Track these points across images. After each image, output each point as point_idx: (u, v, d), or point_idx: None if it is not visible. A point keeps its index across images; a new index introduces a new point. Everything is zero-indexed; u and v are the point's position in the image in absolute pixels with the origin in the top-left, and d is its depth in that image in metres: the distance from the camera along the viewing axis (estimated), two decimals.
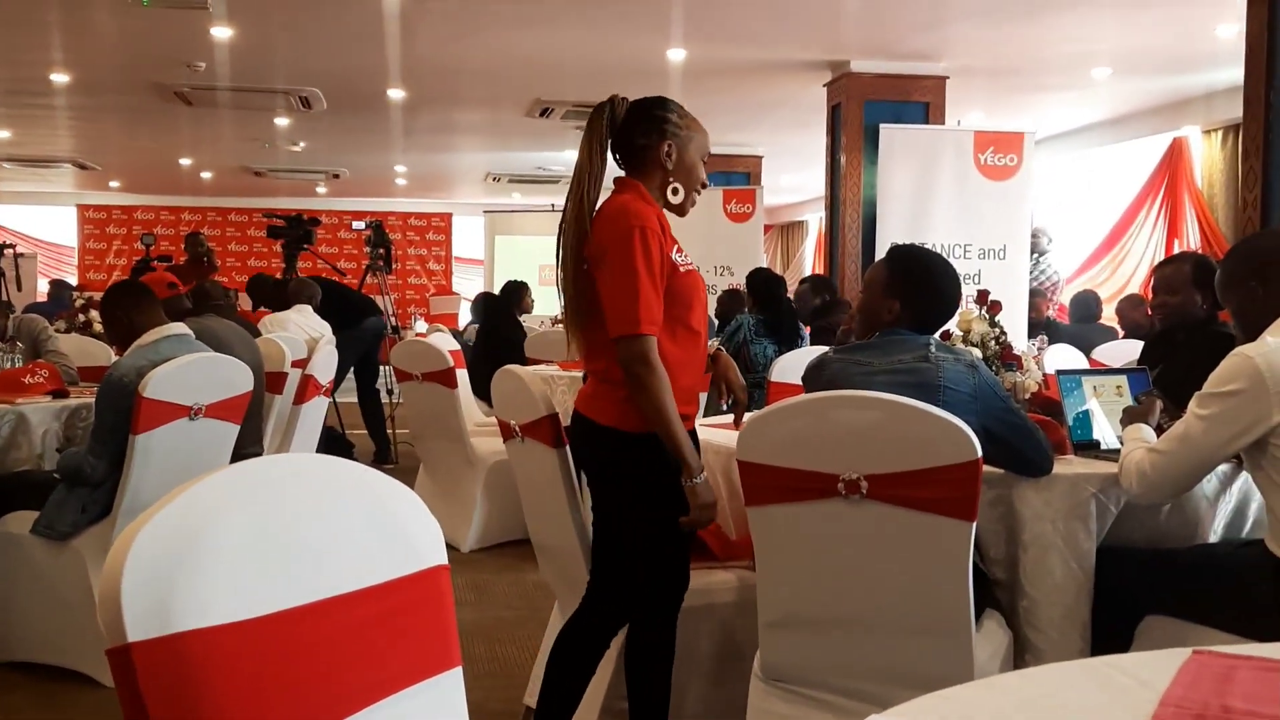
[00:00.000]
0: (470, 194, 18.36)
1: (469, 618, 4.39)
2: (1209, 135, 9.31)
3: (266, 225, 10.02)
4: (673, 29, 7.33)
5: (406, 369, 5.78)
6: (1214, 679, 1.27)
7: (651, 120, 2.65)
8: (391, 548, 1.28)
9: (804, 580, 2.58)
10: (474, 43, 7.78)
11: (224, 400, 3.77)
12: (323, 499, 1.24)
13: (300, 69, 8.80)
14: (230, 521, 1.12)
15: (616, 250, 2.50)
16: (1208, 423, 2.45)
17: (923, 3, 6.68)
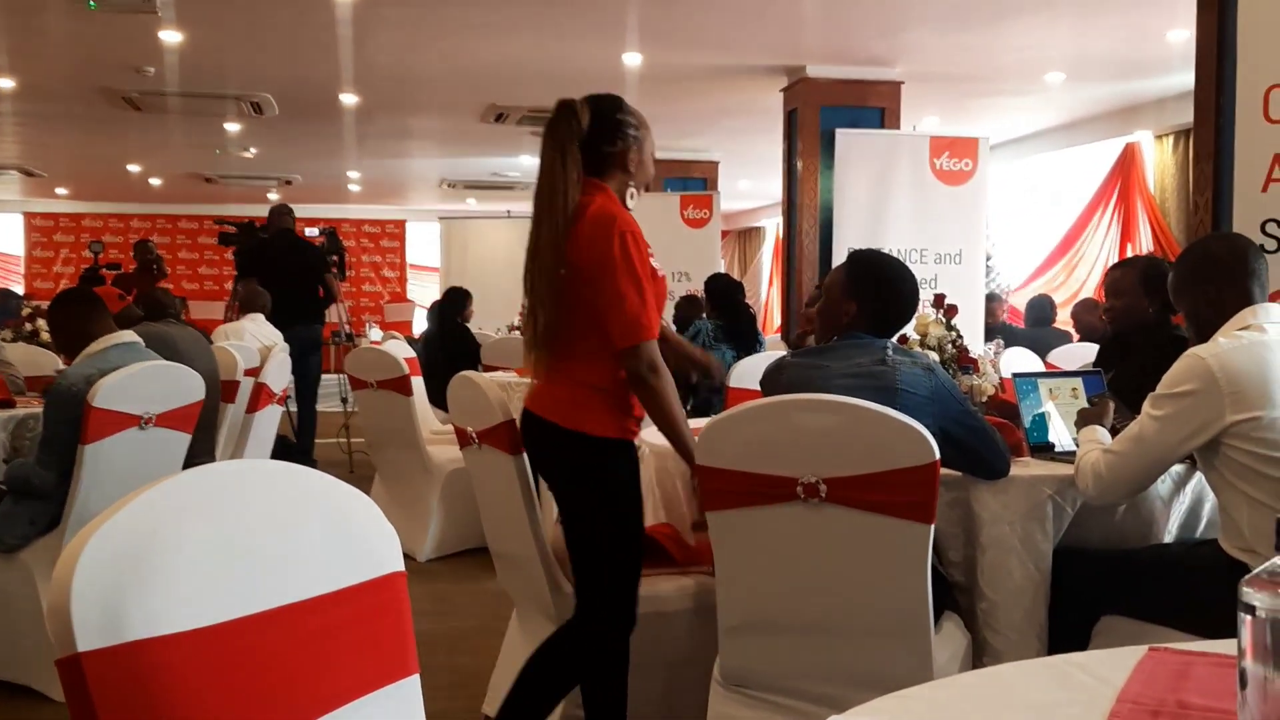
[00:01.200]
0: (425, 200, 18.27)
1: (427, 627, 4.35)
2: (1161, 140, 9.44)
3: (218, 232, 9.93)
4: (628, 34, 7.33)
5: (361, 377, 5.74)
6: (1170, 675, 1.28)
7: (615, 125, 2.68)
8: (347, 554, 1.26)
9: (763, 584, 2.58)
10: (428, 48, 7.74)
11: (175, 409, 3.72)
12: (277, 505, 1.22)
13: (251, 74, 8.71)
14: (183, 528, 1.10)
15: (612, 258, 2.53)
16: (1161, 423, 2.47)
17: (878, 9, 6.73)
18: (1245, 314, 2.52)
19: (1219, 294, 2.59)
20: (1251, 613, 0.81)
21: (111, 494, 3.51)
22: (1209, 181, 3.59)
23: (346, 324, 9.45)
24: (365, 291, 19.26)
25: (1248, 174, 3.26)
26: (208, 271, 18.79)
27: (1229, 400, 2.39)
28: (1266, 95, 3.22)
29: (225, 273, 16.90)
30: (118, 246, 17.21)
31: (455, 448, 3.49)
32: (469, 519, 4.68)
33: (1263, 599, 0.80)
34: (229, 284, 10.74)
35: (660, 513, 3.28)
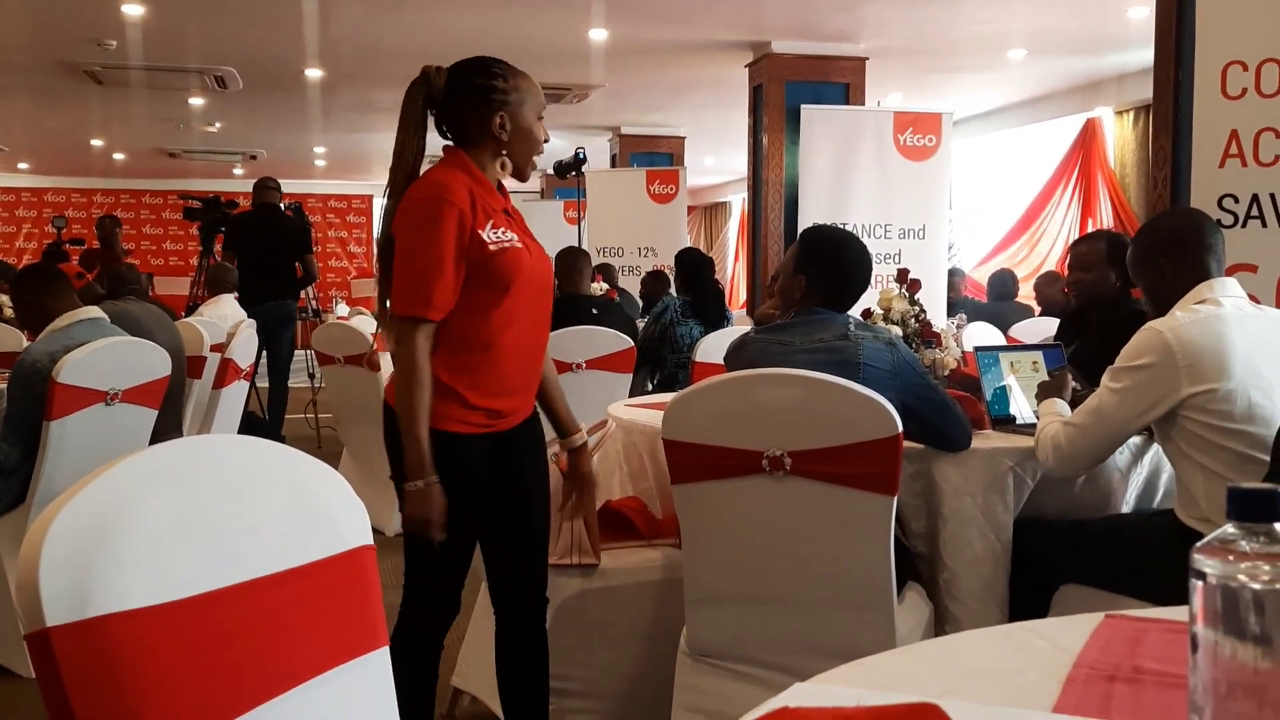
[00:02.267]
0: None
1: (395, 601, 4.35)
2: (1121, 116, 9.52)
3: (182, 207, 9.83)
4: (594, 8, 7.30)
5: (328, 352, 5.72)
6: (1125, 641, 1.31)
7: (475, 92, 2.43)
8: (315, 528, 1.27)
9: (729, 556, 2.61)
10: (392, 21, 7.68)
11: (141, 385, 3.70)
12: (244, 480, 1.22)
13: (215, 48, 8.62)
14: (150, 503, 1.11)
15: (410, 223, 2.32)
16: (1120, 396, 2.51)
17: None
18: (1202, 288, 2.56)
19: (1175, 269, 2.62)
20: (1202, 579, 0.83)
21: (77, 471, 3.50)
22: (1167, 157, 3.63)
23: (314, 300, 9.40)
24: (332, 267, 19.14)
25: (1205, 149, 3.30)
26: (172, 247, 18.62)
27: (1185, 373, 2.43)
28: (1224, 72, 3.26)
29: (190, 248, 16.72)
30: (81, 221, 17.00)
31: None
32: None
33: (1213, 565, 0.83)
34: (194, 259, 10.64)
35: (627, 486, 3.30)
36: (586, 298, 5.50)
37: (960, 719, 0.80)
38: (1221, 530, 0.83)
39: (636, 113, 11.52)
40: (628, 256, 10.74)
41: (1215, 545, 0.83)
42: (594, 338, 5.04)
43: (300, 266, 7.78)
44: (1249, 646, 0.80)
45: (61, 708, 1.03)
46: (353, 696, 1.30)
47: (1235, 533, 0.83)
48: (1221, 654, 0.82)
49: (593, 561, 2.95)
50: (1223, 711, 0.83)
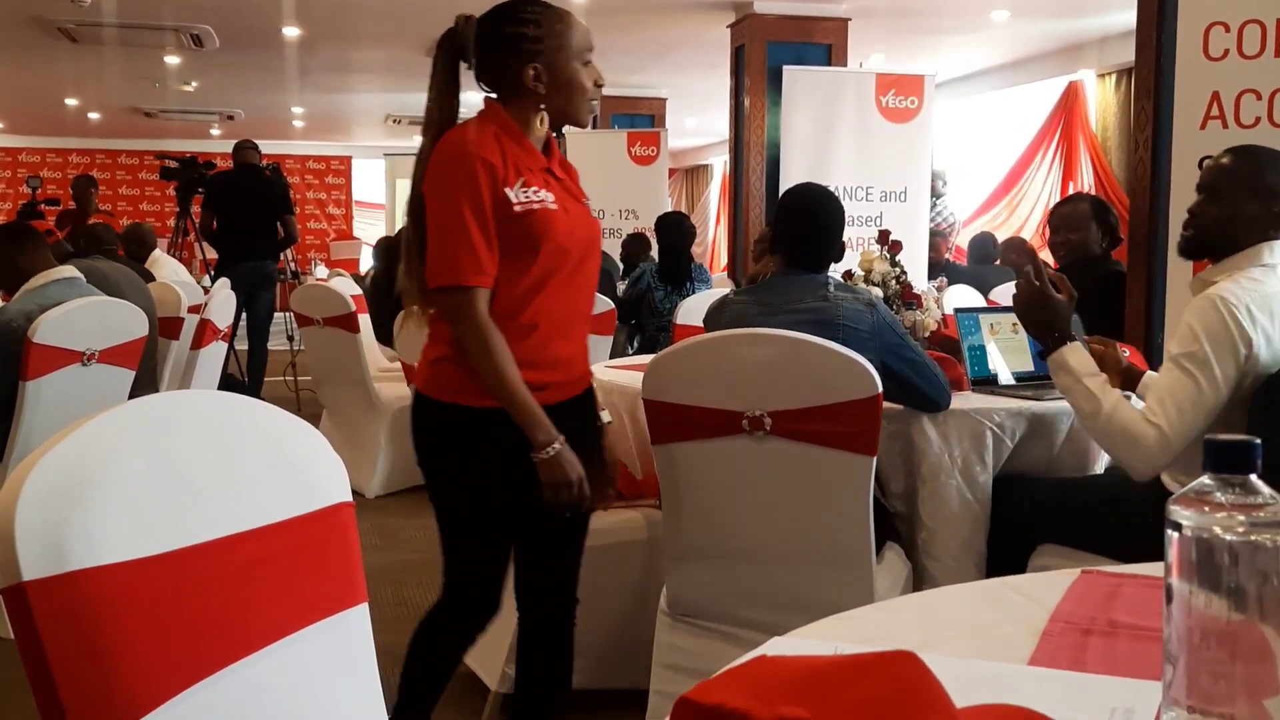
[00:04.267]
0: (370, 136, 18.01)
1: (375, 562, 4.37)
2: (1103, 79, 9.51)
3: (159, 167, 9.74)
4: None
5: (307, 314, 5.70)
6: (1101, 595, 1.32)
7: (504, 42, 2.21)
8: (293, 484, 1.26)
9: (709, 516, 2.62)
10: None
11: (118, 345, 3.68)
12: (221, 435, 1.22)
13: (190, 5, 8.51)
14: (126, 458, 1.10)
15: (438, 184, 2.14)
16: (1207, 373, 2.30)
17: None
18: (1264, 249, 2.38)
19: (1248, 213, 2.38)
20: (1178, 530, 0.84)
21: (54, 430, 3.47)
22: (1149, 118, 3.63)
23: (292, 262, 9.34)
24: (310, 229, 18.99)
25: (1187, 111, 3.30)
26: (149, 208, 18.42)
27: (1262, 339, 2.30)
28: (1206, 33, 3.25)
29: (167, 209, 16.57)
30: (56, 182, 16.82)
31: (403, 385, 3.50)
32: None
33: (1188, 516, 0.83)
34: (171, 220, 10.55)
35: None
36: None
37: (937, 669, 0.80)
38: (1198, 481, 0.84)
39: (618, 74, 11.43)
40: (608, 219, 10.69)
41: (1191, 496, 0.83)
42: None
43: (280, 227, 7.73)
44: (1223, 597, 0.81)
45: (39, 664, 1.02)
46: (332, 652, 1.30)
47: (1211, 484, 0.83)
48: (1195, 605, 0.82)
49: None
50: (1196, 661, 0.84)
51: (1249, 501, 0.81)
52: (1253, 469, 0.82)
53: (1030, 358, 3.17)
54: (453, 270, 2.10)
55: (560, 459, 2.13)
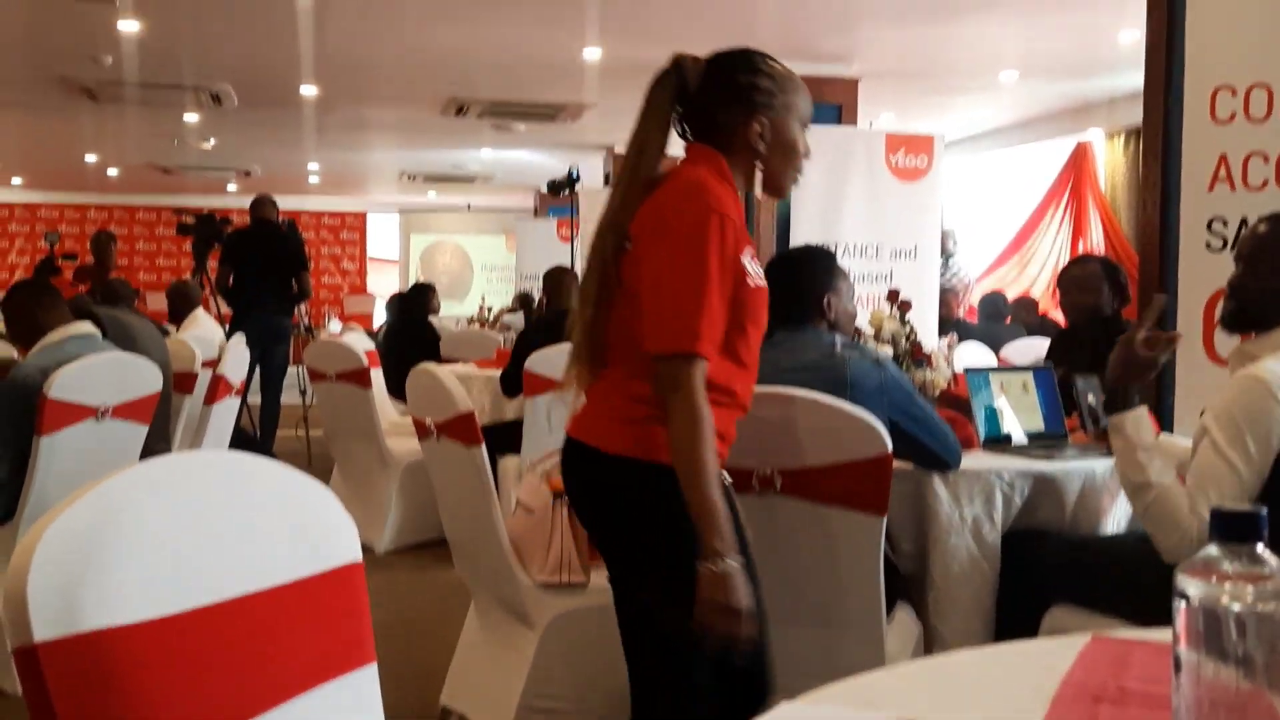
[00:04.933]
0: (385, 192, 18.18)
1: (384, 618, 4.34)
2: (1112, 139, 9.56)
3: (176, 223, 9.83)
4: (588, 28, 7.33)
5: (320, 369, 5.72)
6: (1111, 662, 1.31)
7: (736, 89, 2.06)
8: (305, 545, 1.27)
9: None
10: (388, 39, 7.71)
11: (132, 400, 3.70)
12: (234, 495, 1.23)
13: (210, 64, 8.64)
14: (141, 518, 1.11)
15: (683, 236, 1.92)
16: (1244, 454, 2.24)
17: (835, 6, 6.78)
18: None
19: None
20: (1185, 600, 0.84)
21: (67, 486, 3.49)
22: (1157, 181, 3.65)
23: (306, 316, 9.40)
24: (325, 284, 19.12)
25: (1195, 173, 3.33)
26: (165, 263, 18.59)
27: None
28: (1213, 96, 3.28)
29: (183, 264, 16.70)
30: (74, 237, 16.98)
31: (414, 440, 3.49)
32: (427, 511, 4.69)
33: (1196, 586, 0.83)
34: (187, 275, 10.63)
35: None
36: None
37: None
38: (1205, 551, 0.84)
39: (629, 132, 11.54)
40: None
41: (1199, 566, 0.83)
42: None
43: (295, 283, 7.79)
44: (1231, 667, 0.81)
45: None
46: (340, 712, 1.30)
47: (1218, 553, 0.83)
48: (1204, 675, 0.82)
49: (582, 580, 2.95)
50: None
51: (1256, 571, 0.81)
52: (1259, 538, 0.83)
53: (1041, 417, 3.17)
54: (686, 336, 1.88)
55: (730, 579, 1.85)
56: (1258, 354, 2.32)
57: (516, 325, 9.16)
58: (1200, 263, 3.34)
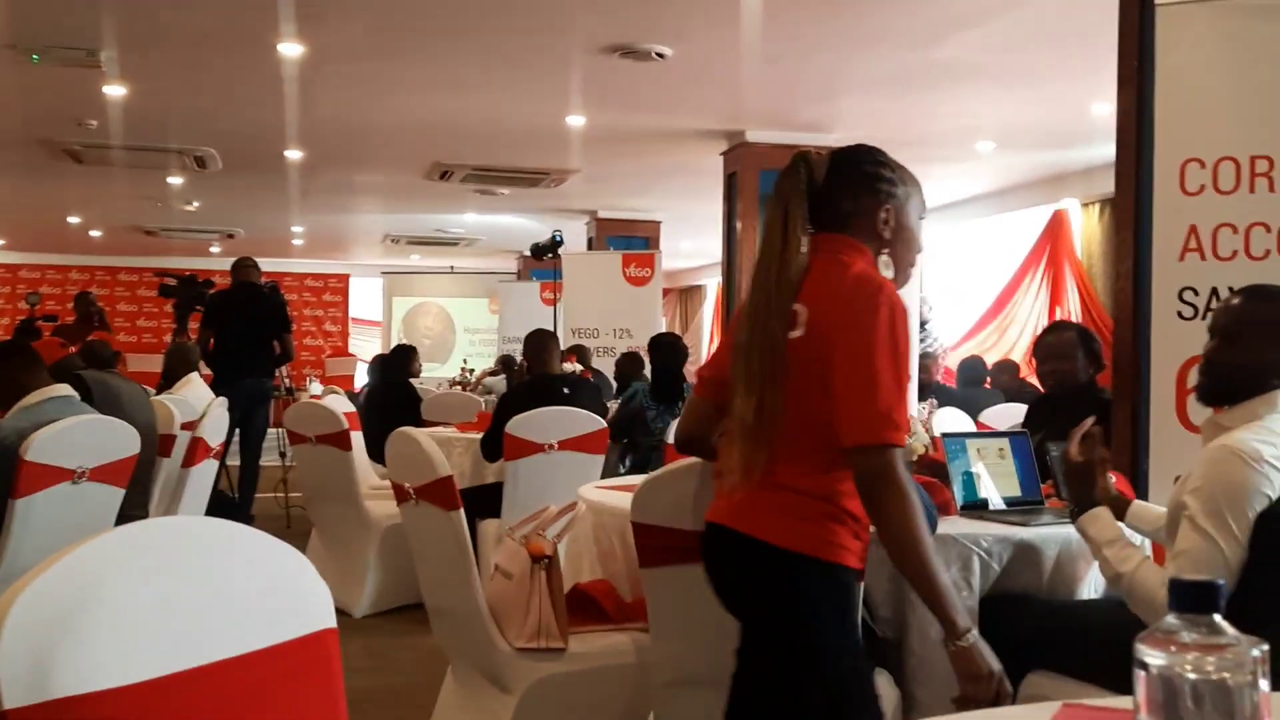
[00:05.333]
0: (368, 255, 18.24)
1: (362, 684, 4.32)
2: (1088, 208, 9.70)
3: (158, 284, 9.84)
4: (572, 96, 7.43)
5: (300, 431, 5.71)
6: None
7: (862, 179, 2.16)
8: (278, 610, 1.27)
9: (696, 641, 2.60)
10: (374, 105, 7.79)
11: (109, 463, 3.68)
12: (208, 561, 1.23)
13: (195, 128, 8.70)
14: (113, 584, 1.11)
15: (875, 332, 1.98)
16: (1224, 532, 2.24)
17: (815, 76, 6.89)
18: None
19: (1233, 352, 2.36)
20: (1145, 669, 0.85)
21: (41, 549, 3.47)
22: (1130, 250, 3.71)
23: (287, 378, 9.39)
24: (307, 345, 19.12)
25: (1166, 243, 3.38)
26: (146, 324, 18.57)
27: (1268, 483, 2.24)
28: (1183, 168, 3.35)
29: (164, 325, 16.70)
30: (55, 298, 16.96)
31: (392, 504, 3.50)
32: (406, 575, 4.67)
33: (1155, 655, 0.85)
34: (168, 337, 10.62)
35: (597, 569, 3.29)
36: (558, 377, 5.53)
37: None
38: (1164, 621, 0.86)
39: (613, 197, 11.66)
40: (603, 338, 10.80)
41: (1158, 636, 0.85)
42: (567, 418, 5.05)
43: (278, 344, 7.79)
44: None
45: None
46: None
47: (1177, 624, 0.85)
48: None
49: (560, 645, 2.94)
50: None
51: (1213, 641, 0.83)
52: (1216, 609, 0.84)
53: (1018, 483, 3.19)
54: (890, 428, 1.96)
55: (978, 649, 1.96)
56: (1230, 425, 2.34)
57: (498, 388, 9.18)
58: (1172, 331, 3.38)
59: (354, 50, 6.49)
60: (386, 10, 5.77)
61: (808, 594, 2.05)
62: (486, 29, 6.04)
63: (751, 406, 2.04)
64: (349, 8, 5.74)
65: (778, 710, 2.09)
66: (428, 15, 5.83)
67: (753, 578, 2.10)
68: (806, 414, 2.03)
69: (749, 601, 2.15)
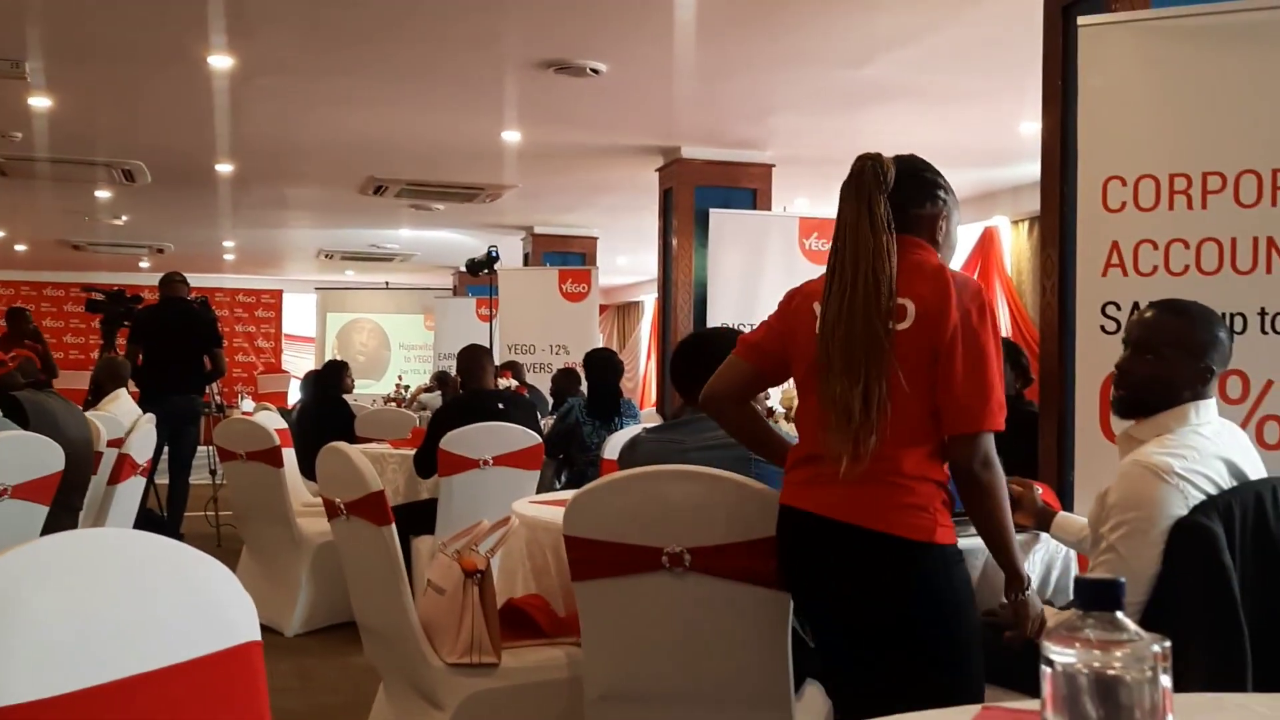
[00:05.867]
0: (302, 270, 18.07)
1: (293, 705, 4.27)
2: (1017, 225, 9.88)
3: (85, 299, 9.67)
4: (507, 112, 7.44)
5: (230, 448, 5.64)
6: None
7: (926, 186, 2.30)
8: (199, 623, 1.26)
9: (629, 654, 2.62)
10: (305, 119, 7.74)
11: (32, 481, 3.62)
12: (129, 574, 1.22)
13: (123, 141, 8.58)
14: (29, 597, 1.10)
15: (977, 325, 2.14)
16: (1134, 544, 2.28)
17: (749, 95, 6.95)
18: (1189, 410, 2.36)
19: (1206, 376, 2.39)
20: (1050, 666, 0.88)
21: None
22: (1055, 266, 3.78)
23: (218, 395, 9.26)
24: (239, 362, 18.87)
25: (1089, 259, 3.45)
26: (73, 340, 18.22)
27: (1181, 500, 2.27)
28: (1105, 186, 3.42)
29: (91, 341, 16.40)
30: None
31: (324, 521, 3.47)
32: (339, 592, 4.63)
33: (1059, 652, 0.87)
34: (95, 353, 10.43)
35: (530, 584, 3.29)
36: (492, 393, 5.52)
37: None
38: (1068, 618, 0.88)
39: (550, 213, 11.67)
40: (539, 354, 10.79)
41: (1063, 633, 0.87)
42: (501, 434, 5.04)
43: (209, 360, 7.69)
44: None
45: None
46: None
47: (1081, 621, 0.87)
48: None
49: (493, 660, 2.93)
50: None
51: (1114, 638, 0.85)
52: (1118, 606, 0.87)
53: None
54: (997, 414, 2.14)
55: (1034, 598, 2.28)
56: (1143, 439, 2.38)
57: (434, 404, 9.13)
58: (1095, 345, 3.45)
59: (285, 64, 6.44)
60: (318, 24, 5.73)
61: (923, 577, 2.16)
62: (420, 44, 6.03)
63: (858, 396, 2.11)
64: (280, 21, 5.70)
65: (928, 690, 2.09)
66: (360, 29, 5.81)
67: (865, 567, 2.17)
68: (910, 402, 2.13)
69: (853, 589, 2.20)
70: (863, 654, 2.21)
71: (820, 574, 2.25)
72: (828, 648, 2.33)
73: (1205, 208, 3.32)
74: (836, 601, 2.25)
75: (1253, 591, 2.18)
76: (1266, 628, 2.18)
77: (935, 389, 2.14)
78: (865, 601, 2.18)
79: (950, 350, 2.12)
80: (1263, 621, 2.18)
